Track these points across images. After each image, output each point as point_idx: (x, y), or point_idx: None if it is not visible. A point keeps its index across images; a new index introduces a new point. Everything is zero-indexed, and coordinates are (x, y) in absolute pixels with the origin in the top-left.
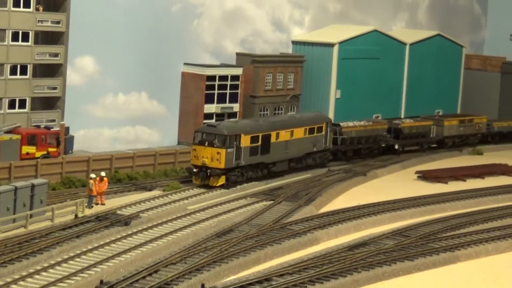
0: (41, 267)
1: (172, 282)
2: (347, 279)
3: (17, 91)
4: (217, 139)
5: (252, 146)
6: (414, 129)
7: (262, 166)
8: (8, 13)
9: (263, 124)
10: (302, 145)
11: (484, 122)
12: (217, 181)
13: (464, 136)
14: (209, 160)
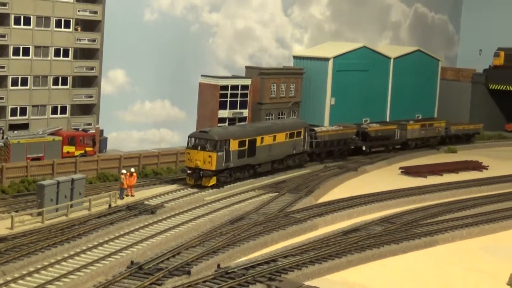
0: (80, 249)
1: (192, 262)
2: (342, 260)
3: (59, 99)
4: (209, 143)
5: (240, 150)
6: (379, 133)
7: (249, 167)
8: (51, 32)
9: (249, 130)
10: (283, 148)
11: (443, 126)
12: (208, 182)
13: (425, 139)
14: (202, 162)
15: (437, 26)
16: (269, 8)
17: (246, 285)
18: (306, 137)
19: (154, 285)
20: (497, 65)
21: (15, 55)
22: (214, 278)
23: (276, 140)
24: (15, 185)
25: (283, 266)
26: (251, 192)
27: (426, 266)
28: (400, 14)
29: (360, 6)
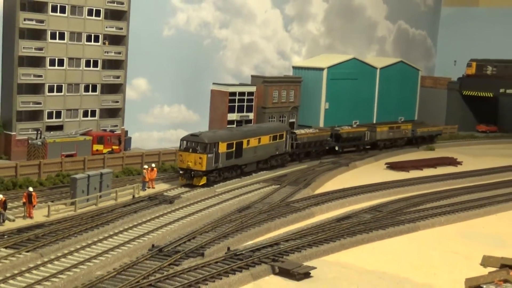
0: (108, 234)
1: (205, 246)
2: (336, 243)
3: (89, 104)
4: (199, 146)
5: (228, 152)
6: (351, 134)
7: (236, 167)
8: (83, 46)
9: (236, 133)
10: (267, 150)
11: (410, 128)
12: (199, 181)
13: (393, 140)
14: (193, 163)
15: (417, 41)
16: (271, 25)
17: (253, 265)
18: (288, 139)
19: (172, 265)
20: (469, 74)
21: (51, 65)
22: (225, 259)
23: (261, 142)
24: (51, 178)
25: (284, 249)
26: (256, 184)
27: (409, 249)
28: (385, 30)
29: (351, 23)
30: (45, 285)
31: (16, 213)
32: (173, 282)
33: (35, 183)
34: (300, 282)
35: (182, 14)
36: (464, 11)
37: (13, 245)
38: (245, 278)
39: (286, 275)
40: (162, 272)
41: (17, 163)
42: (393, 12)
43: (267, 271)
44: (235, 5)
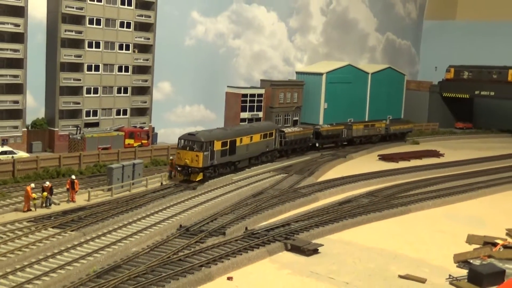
0: (141, 216)
1: (226, 226)
2: (339, 224)
3: (121, 104)
4: (196, 144)
5: (223, 149)
6: (330, 132)
7: (230, 164)
8: (115, 54)
9: (230, 132)
10: (258, 147)
11: (383, 126)
12: (196, 177)
13: (368, 137)
14: (190, 161)
15: (403, 49)
16: (278, 36)
17: (268, 243)
18: (277, 137)
19: (198, 243)
20: (448, 79)
21: (88, 70)
22: (244, 237)
23: (253, 140)
24: (89, 168)
25: (295, 228)
26: (266, 173)
27: (403, 229)
28: (375, 40)
29: (346, 35)
30: (88, 260)
31: (60, 198)
32: (199, 257)
33: (76, 172)
34: (310, 257)
35: (201, 26)
36: (443, 24)
37: (59, 225)
38: (262, 254)
39: (297, 251)
40: (189, 248)
41: (60, 155)
42: (382, 25)
43: (281, 248)
44: (246, 19)
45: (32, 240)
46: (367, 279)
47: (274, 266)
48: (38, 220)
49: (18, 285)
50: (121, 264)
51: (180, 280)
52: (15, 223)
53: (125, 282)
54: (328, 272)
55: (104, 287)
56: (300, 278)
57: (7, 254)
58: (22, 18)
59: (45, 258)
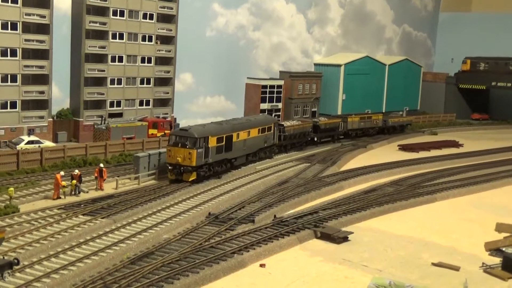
0: (169, 204)
1: (254, 213)
2: (366, 212)
3: (145, 95)
4: (189, 141)
5: (218, 146)
6: (328, 125)
7: (226, 161)
8: (139, 45)
9: (226, 127)
10: (256, 142)
11: (381, 119)
12: (189, 177)
13: (364, 129)
14: (182, 159)
15: (419, 41)
16: (296, 28)
17: (298, 230)
18: (276, 132)
19: (228, 230)
20: (464, 70)
21: (112, 61)
22: (273, 225)
23: (250, 135)
24: (115, 157)
25: (323, 216)
26: (289, 163)
27: (429, 217)
28: (392, 32)
29: (363, 26)
30: (120, 246)
31: (88, 186)
32: (231, 244)
33: (102, 161)
34: (340, 245)
35: (222, 18)
36: (459, 16)
37: (89, 212)
38: (293, 241)
39: (327, 239)
40: (220, 236)
41: (86, 144)
42: (399, 17)
43: (311, 236)
44: (266, 11)
45: (64, 227)
46: (400, 266)
47: (305, 254)
48: (68, 207)
49: (53, 271)
50: (153, 251)
51: (214, 266)
52: (46, 210)
53: (159, 268)
54: (360, 259)
55: (138, 273)
56: (333, 265)
57: (41, 241)
58: (47, 10)
59: (78, 244)
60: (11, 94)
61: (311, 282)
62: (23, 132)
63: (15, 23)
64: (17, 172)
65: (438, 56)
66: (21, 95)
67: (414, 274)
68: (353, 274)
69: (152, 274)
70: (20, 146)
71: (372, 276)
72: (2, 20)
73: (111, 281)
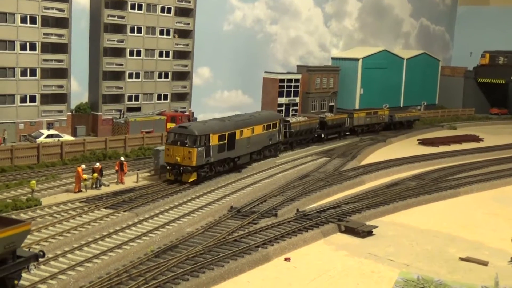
0: (191, 197)
1: (277, 207)
2: (390, 206)
3: (162, 89)
4: (189, 139)
5: (220, 144)
6: (335, 121)
7: (229, 160)
8: (156, 39)
9: (228, 124)
10: (261, 140)
11: (387, 114)
12: (189, 178)
13: (370, 125)
14: (181, 158)
15: (436, 35)
16: (314, 22)
17: (322, 224)
18: (281, 128)
19: (251, 224)
20: (483, 64)
21: (130, 55)
22: (296, 219)
23: (254, 132)
24: (134, 151)
25: (346, 210)
26: (309, 157)
27: (453, 211)
28: (409, 26)
29: (380, 20)
30: (144, 239)
31: (109, 180)
32: (255, 238)
33: (122, 155)
34: (365, 239)
35: (239, 12)
36: (477, 9)
37: (111, 206)
38: (317, 235)
39: (352, 233)
40: (243, 229)
41: (106, 138)
42: (417, 11)
43: (334, 229)
44: (283, 4)
45: (86, 220)
46: (428, 261)
47: (329, 248)
48: (90, 200)
49: (78, 263)
50: (177, 244)
51: (239, 260)
52: (68, 204)
53: (184, 261)
54: (386, 254)
55: (163, 266)
56: (358, 259)
57: (64, 234)
58: (66, 3)
59: (102, 237)
60: (31, 88)
61: (337, 277)
62: (42, 126)
63: (34, 17)
64: (38, 165)
65: (456, 50)
66: (40, 89)
67: (442, 269)
68: (379, 269)
69: (176, 267)
70: (40, 140)
71: (399, 271)
72: (21, 13)
73: (136, 274)
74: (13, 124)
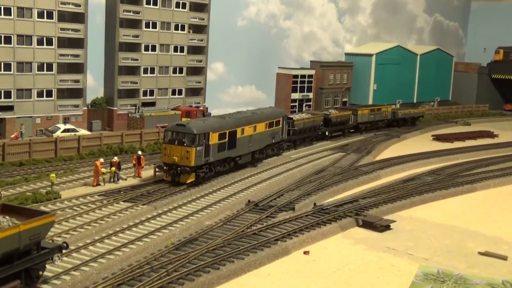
0: (208, 191)
1: (294, 201)
2: (407, 201)
3: (177, 84)
4: (187, 138)
5: (220, 143)
6: (339, 118)
7: (229, 160)
8: (171, 34)
9: (229, 121)
10: (263, 138)
11: (390, 111)
12: (187, 179)
13: (374, 122)
14: (179, 158)
15: (450, 31)
16: (327, 17)
17: (340, 218)
18: (285, 126)
19: (269, 217)
20: (497, 60)
21: (145, 51)
22: (314, 213)
23: (257, 130)
24: (150, 146)
25: (363, 205)
26: (324, 152)
27: (471, 206)
28: (423, 22)
29: (394, 16)
30: (164, 232)
31: (126, 174)
32: (273, 232)
33: (138, 149)
34: (383, 233)
35: (253, 7)
36: (491, 5)
37: (129, 199)
38: (335, 229)
39: (369, 227)
40: (261, 223)
41: (122, 133)
42: (430, 6)
43: (352, 224)
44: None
45: (106, 213)
46: (447, 255)
47: (348, 242)
48: (108, 194)
49: (100, 255)
50: (197, 237)
51: (259, 253)
52: (87, 197)
53: (204, 254)
54: (404, 248)
55: (184, 258)
56: (377, 253)
57: (85, 226)
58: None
59: (122, 230)
60: (47, 83)
61: (357, 270)
62: (58, 120)
63: (51, 11)
64: (55, 159)
65: (470, 46)
66: (57, 83)
67: (462, 263)
68: (399, 263)
69: (197, 260)
70: (57, 134)
71: (418, 265)
72: (38, 8)
73: (158, 266)
74: (30, 118)
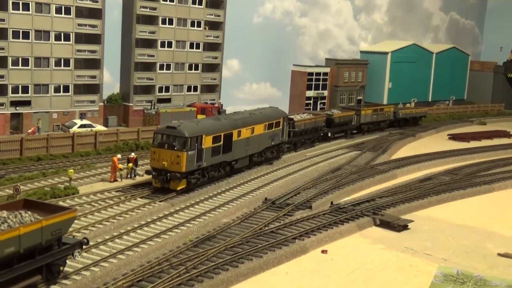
0: (224, 188)
1: (311, 199)
2: (424, 200)
3: (192, 81)
4: (177, 141)
5: (214, 146)
6: (342, 119)
7: (225, 164)
8: (187, 30)
9: (224, 123)
10: (261, 141)
11: (392, 111)
12: (177, 185)
13: (376, 123)
14: (169, 163)
15: (466, 30)
16: (343, 15)
17: (357, 217)
18: (285, 127)
19: (286, 216)
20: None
21: (162, 47)
22: (331, 212)
23: (255, 132)
24: None
25: (381, 204)
26: (339, 150)
27: (489, 207)
28: (439, 20)
29: (410, 14)
30: (181, 229)
31: (143, 170)
32: (291, 230)
33: None
34: (400, 233)
35: (269, 4)
36: (507, 3)
37: (147, 195)
38: (352, 228)
39: (387, 227)
40: (279, 221)
41: (139, 129)
42: (446, 4)
43: (370, 223)
44: None
45: (124, 209)
46: (465, 256)
47: (366, 241)
48: (126, 190)
49: (119, 251)
50: (215, 234)
51: (277, 251)
52: (105, 193)
53: (223, 252)
54: (422, 248)
55: (203, 256)
56: (395, 253)
57: (103, 222)
58: None
59: (140, 226)
60: (64, 78)
61: (375, 270)
62: (75, 116)
63: (68, 7)
64: (72, 154)
65: (486, 44)
66: (74, 79)
67: (481, 264)
68: (417, 263)
69: (216, 257)
70: (73, 130)
71: (437, 265)
72: (56, 4)
73: (177, 263)
74: (47, 113)
